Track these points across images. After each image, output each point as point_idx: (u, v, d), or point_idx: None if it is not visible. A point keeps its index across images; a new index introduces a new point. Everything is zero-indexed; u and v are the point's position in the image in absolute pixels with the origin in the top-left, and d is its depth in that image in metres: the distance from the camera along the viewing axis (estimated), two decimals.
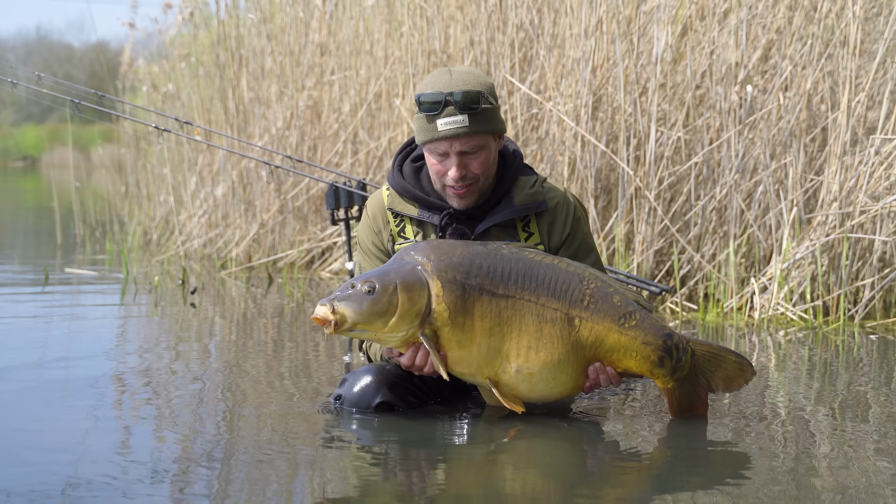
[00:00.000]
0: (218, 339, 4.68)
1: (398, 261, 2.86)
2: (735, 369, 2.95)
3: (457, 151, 2.98)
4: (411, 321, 2.79)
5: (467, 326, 2.81)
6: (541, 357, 2.83)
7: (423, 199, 3.10)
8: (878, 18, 5.52)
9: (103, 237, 9.60)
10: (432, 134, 2.98)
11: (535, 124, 5.96)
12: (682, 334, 2.94)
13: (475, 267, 2.83)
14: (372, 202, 3.20)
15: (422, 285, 2.80)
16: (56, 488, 2.40)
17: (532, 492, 2.46)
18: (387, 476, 2.59)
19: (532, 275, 2.85)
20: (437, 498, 2.41)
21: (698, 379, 2.95)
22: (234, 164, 7.58)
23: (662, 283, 5.34)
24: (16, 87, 5.18)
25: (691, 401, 2.98)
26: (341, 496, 2.43)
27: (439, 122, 2.96)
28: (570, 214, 3.13)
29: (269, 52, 7.69)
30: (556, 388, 2.88)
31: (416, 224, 3.13)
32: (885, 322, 4.94)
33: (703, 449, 2.82)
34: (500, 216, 3.07)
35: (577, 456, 2.80)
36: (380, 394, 3.02)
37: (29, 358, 4.04)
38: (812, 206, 5.34)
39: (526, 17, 5.95)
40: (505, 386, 2.87)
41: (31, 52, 47.11)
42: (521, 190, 3.10)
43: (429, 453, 2.75)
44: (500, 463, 2.71)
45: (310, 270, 7.07)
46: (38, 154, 35.86)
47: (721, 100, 5.45)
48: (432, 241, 2.90)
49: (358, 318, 2.75)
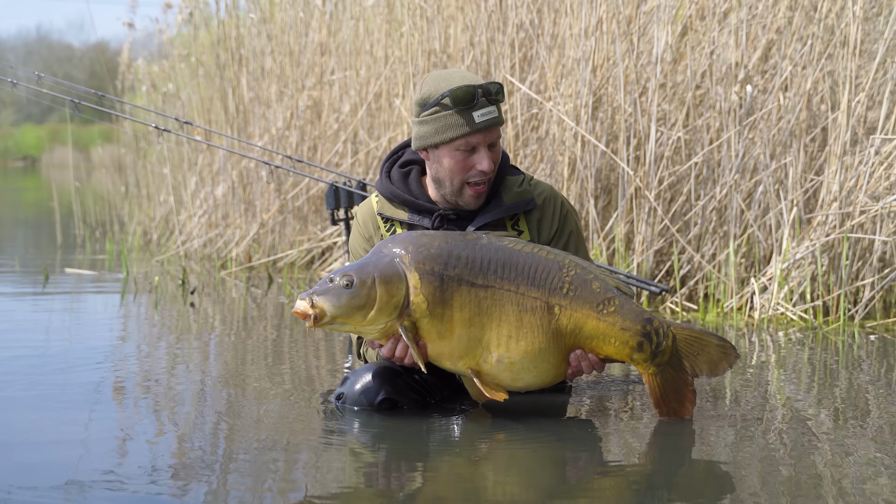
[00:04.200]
0: (218, 339, 4.68)
1: (376, 253, 2.87)
2: (718, 353, 2.94)
3: (489, 143, 3.04)
4: (390, 314, 2.81)
5: (446, 317, 2.82)
6: (521, 346, 2.84)
7: (412, 202, 3.13)
8: (878, 18, 5.52)
9: (103, 237, 9.60)
10: (468, 127, 3.00)
11: (535, 124, 5.96)
12: (664, 319, 2.93)
13: (453, 258, 2.84)
14: (361, 210, 3.22)
15: (399, 278, 2.81)
16: (56, 487, 2.40)
17: (531, 493, 2.46)
18: (385, 477, 2.59)
19: (511, 264, 2.86)
20: (423, 500, 2.41)
21: (681, 364, 2.93)
22: (234, 164, 7.58)
23: (662, 283, 5.34)
24: (16, 87, 5.18)
25: (675, 387, 2.95)
26: (341, 496, 2.43)
27: (476, 114, 3.00)
28: (558, 209, 3.17)
29: (269, 52, 7.69)
30: (537, 376, 2.89)
31: (406, 228, 3.15)
32: (885, 322, 4.94)
33: (697, 451, 2.82)
34: (490, 216, 3.10)
35: (566, 461, 2.80)
36: (382, 391, 3.03)
37: (29, 358, 4.03)
38: (812, 206, 5.34)
39: (526, 17, 5.95)
40: (487, 375, 2.88)
41: (31, 52, 47.13)
42: (510, 189, 3.13)
43: (421, 457, 2.75)
44: (481, 467, 2.70)
45: (310, 270, 7.07)
46: (38, 154, 35.88)
47: (721, 100, 5.45)
48: (410, 233, 2.91)
49: (337, 311, 2.77)
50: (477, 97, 2.99)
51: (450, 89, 2.99)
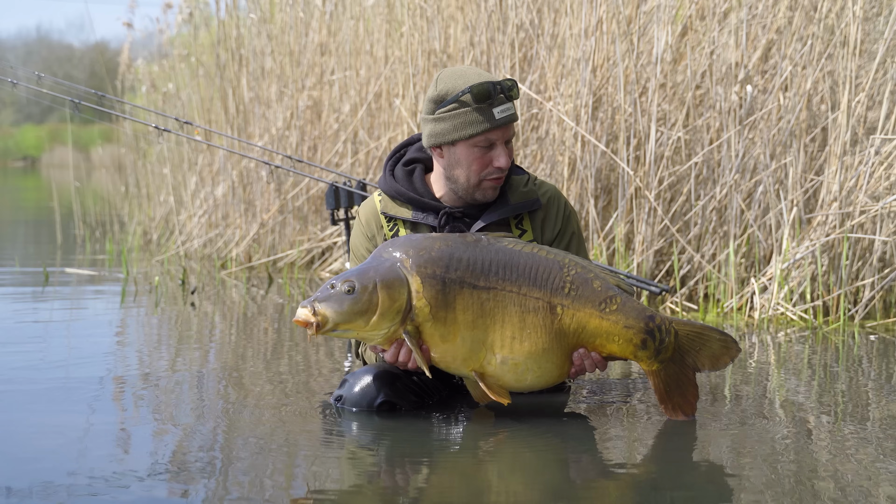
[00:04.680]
0: (218, 340, 4.68)
1: (377, 258, 2.86)
2: (720, 347, 2.95)
3: (507, 139, 3.06)
4: (392, 318, 2.80)
5: (450, 320, 2.82)
6: (525, 347, 2.85)
7: (417, 200, 3.12)
8: (878, 18, 5.52)
9: (103, 237, 9.60)
10: (489, 123, 3.01)
11: (535, 124, 5.96)
12: (665, 316, 2.94)
13: (455, 260, 2.84)
14: (364, 209, 3.22)
15: (401, 282, 2.80)
16: (56, 486, 2.40)
17: (528, 495, 2.46)
18: (385, 477, 2.59)
19: (512, 265, 2.86)
20: (423, 500, 2.41)
21: (684, 359, 2.95)
22: (234, 164, 7.58)
23: (662, 283, 5.34)
24: (16, 87, 5.18)
25: (679, 382, 2.96)
26: (341, 496, 2.43)
27: (496, 110, 3.01)
28: (562, 209, 3.19)
29: (269, 52, 7.69)
30: (541, 376, 2.90)
31: (410, 227, 3.15)
32: (885, 322, 4.94)
33: (699, 451, 2.82)
34: (496, 214, 3.10)
35: (568, 461, 2.80)
36: (381, 393, 3.03)
37: (29, 358, 4.03)
38: (812, 206, 5.34)
39: (526, 17, 5.95)
40: (491, 377, 2.88)
41: (31, 52, 47.13)
42: (516, 189, 3.14)
43: (421, 457, 2.75)
44: (487, 468, 2.70)
45: (310, 270, 7.07)
46: (37, 154, 35.89)
47: (721, 100, 5.45)
48: (410, 237, 2.91)
49: (339, 318, 2.76)
50: (495, 93, 3.00)
51: (469, 86, 3.00)
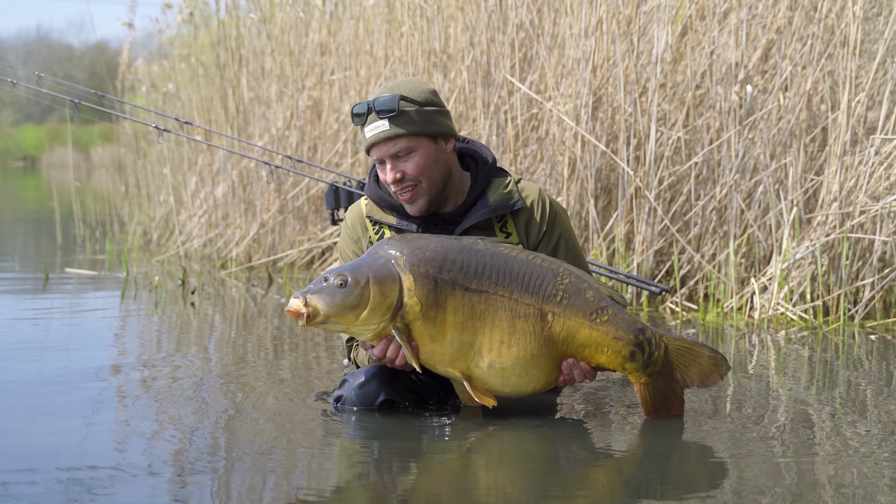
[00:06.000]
0: (218, 339, 4.68)
1: (372, 254, 2.88)
2: (709, 364, 2.95)
3: (388, 156, 3.03)
4: (383, 314, 2.81)
5: (439, 321, 2.83)
6: (513, 352, 2.85)
7: (399, 207, 3.14)
8: (878, 18, 5.53)
9: (103, 237, 9.60)
10: (364, 143, 3.07)
11: (535, 124, 5.96)
12: (656, 329, 2.94)
13: (448, 261, 2.84)
14: (350, 213, 3.24)
15: (393, 279, 2.81)
16: (56, 486, 2.40)
17: (523, 492, 2.46)
18: (385, 476, 2.59)
19: (506, 270, 2.86)
20: (417, 499, 2.42)
21: (672, 374, 2.95)
22: (234, 164, 7.58)
23: (662, 283, 5.34)
24: (16, 87, 5.18)
25: (665, 396, 2.97)
26: (341, 496, 2.43)
27: (366, 129, 3.04)
28: (546, 211, 3.15)
29: (269, 52, 7.69)
30: (528, 383, 2.90)
31: (394, 232, 3.15)
32: (885, 322, 4.94)
33: (696, 449, 2.82)
34: (476, 217, 3.10)
35: (564, 458, 2.80)
36: (382, 392, 3.04)
37: (29, 358, 4.04)
38: (812, 206, 5.34)
39: (526, 17, 5.95)
40: (478, 380, 2.88)
41: (31, 52, 47.12)
42: (496, 191, 3.13)
43: (422, 455, 2.76)
44: (477, 464, 2.71)
45: (310, 270, 7.07)
46: (38, 154, 35.88)
47: (721, 100, 5.45)
48: (407, 235, 2.92)
49: (330, 310, 2.78)
50: (366, 115, 3.03)
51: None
